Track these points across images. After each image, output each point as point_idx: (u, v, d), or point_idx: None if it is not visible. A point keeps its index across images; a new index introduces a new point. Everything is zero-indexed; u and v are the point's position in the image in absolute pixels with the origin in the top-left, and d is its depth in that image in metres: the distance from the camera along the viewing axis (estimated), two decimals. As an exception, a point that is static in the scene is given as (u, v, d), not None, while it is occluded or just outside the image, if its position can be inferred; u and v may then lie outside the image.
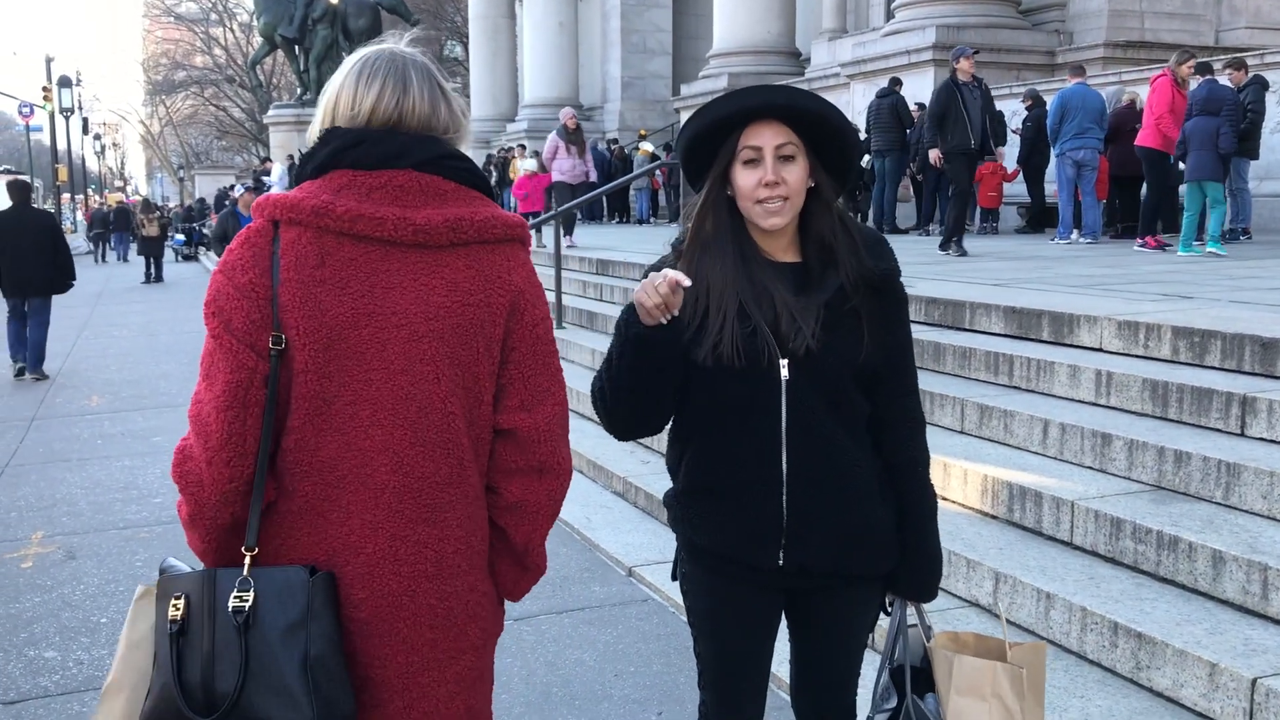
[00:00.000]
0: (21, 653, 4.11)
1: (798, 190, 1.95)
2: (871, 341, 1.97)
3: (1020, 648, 2.10)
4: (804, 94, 1.98)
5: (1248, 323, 4.93)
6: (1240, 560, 3.41)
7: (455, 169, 1.77)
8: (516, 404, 1.79)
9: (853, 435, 2.01)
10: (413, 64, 1.80)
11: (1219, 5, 17.09)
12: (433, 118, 1.78)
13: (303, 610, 1.63)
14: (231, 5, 51.83)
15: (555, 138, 15.03)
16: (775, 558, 2.02)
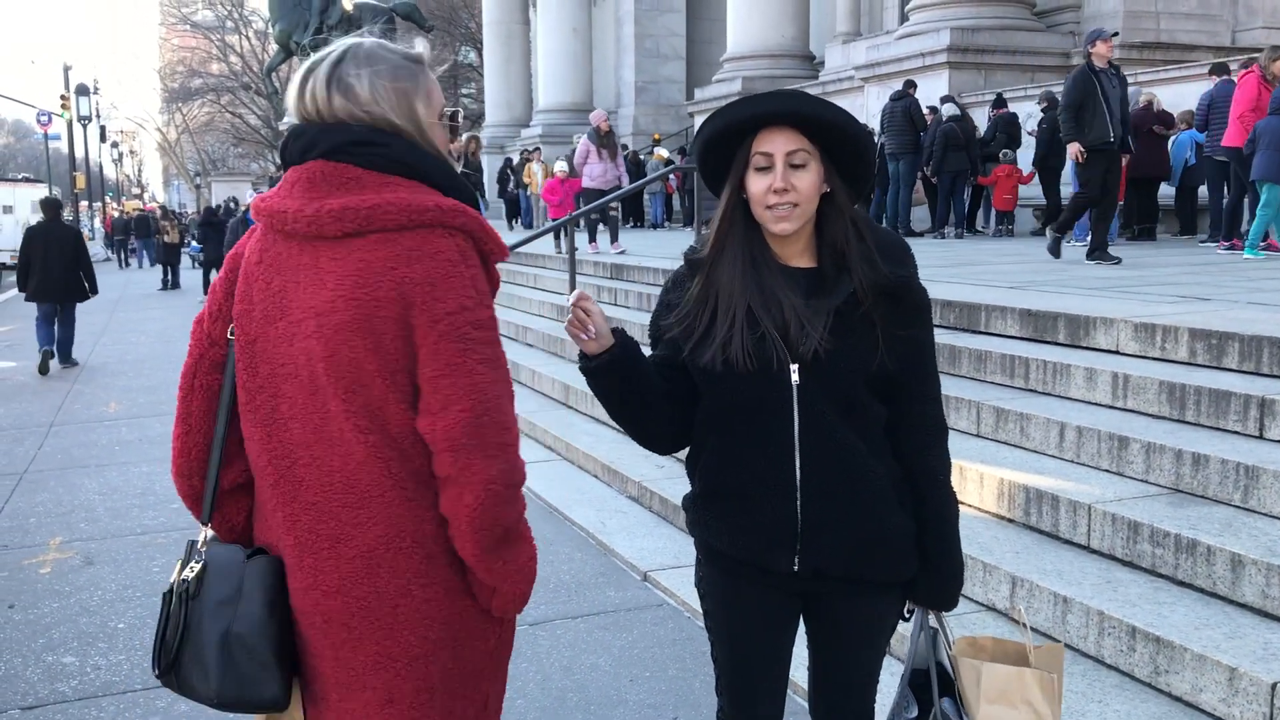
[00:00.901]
0: (40, 658, 4.13)
1: (808, 197, 1.94)
2: (886, 348, 1.95)
3: (1040, 650, 2.09)
4: (816, 101, 1.96)
5: (1266, 324, 4.90)
6: (1259, 563, 3.38)
7: (366, 154, 1.71)
8: (423, 408, 1.69)
9: (868, 440, 2.00)
10: (337, 54, 1.77)
11: (1235, 5, 17.00)
12: (330, 105, 1.74)
13: (234, 589, 1.75)
14: (247, 13, 52.12)
15: (586, 141, 14.39)
16: (790, 562, 2.01)
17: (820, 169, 1.95)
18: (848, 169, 1.99)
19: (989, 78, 15.68)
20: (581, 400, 7.81)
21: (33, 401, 9.91)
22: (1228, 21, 16.93)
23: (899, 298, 1.97)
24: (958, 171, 14.01)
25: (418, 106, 1.77)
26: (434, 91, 1.82)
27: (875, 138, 15.51)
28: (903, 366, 1.98)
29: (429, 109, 1.79)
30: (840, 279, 1.96)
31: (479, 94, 42.58)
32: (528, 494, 6.11)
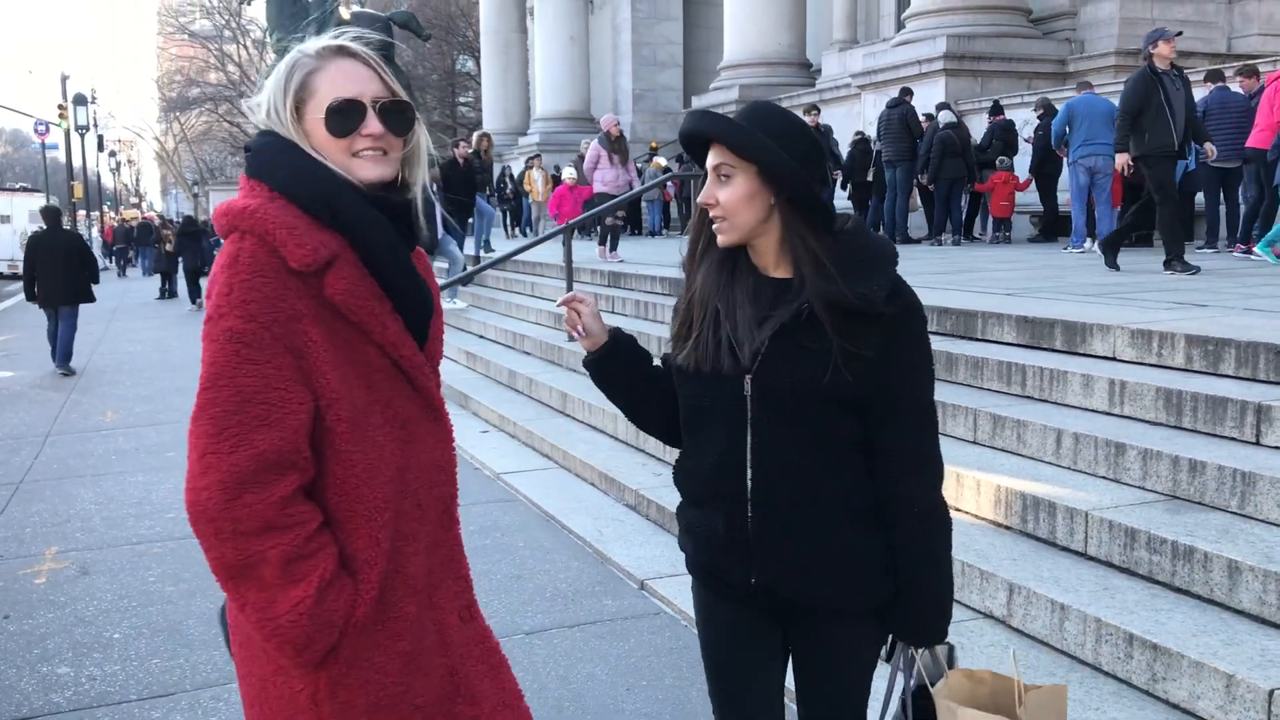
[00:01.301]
0: (35, 669, 4.12)
1: (732, 210, 1.92)
2: (844, 367, 1.88)
3: (1038, 692, 2.01)
4: (718, 120, 1.94)
5: (1262, 330, 4.90)
6: (1256, 570, 3.38)
7: (246, 160, 1.75)
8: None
9: (824, 458, 1.94)
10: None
11: (1231, 12, 17.04)
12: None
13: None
14: (245, 22, 52.16)
15: (597, 146, 14.13)
16: (748, 575, 1.99)
17: (749, 182, 1.91)
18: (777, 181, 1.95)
19: (985, 85, 15.71)
20: (579, 408, 7.80)
21: (29, 411, 9.90)
22: (1223, 29, 16.97)
23: (861, 316, 1.88)
24: (954, 178, 14.02)
25: (282, 102, 1.72)
26: (310, 84, 1.73)
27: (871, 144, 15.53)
28: (869, 390, 1.91)
29: (296, 102, 1.72)
30: (797, 293, 1.92)
31: (476, 102, 42.62)
32: (524, 502, 6.12)
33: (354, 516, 1.67)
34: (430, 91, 43.84)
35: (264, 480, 1.57)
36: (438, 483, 1.80)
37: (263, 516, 1.57)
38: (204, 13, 56.36)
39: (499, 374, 9.69)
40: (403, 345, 1.73)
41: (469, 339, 11.60)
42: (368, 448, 1.68)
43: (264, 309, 1.60)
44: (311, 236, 1.64)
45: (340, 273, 1.65)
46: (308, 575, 1.60)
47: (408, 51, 39.29)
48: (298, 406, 1.61)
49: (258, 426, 1.57)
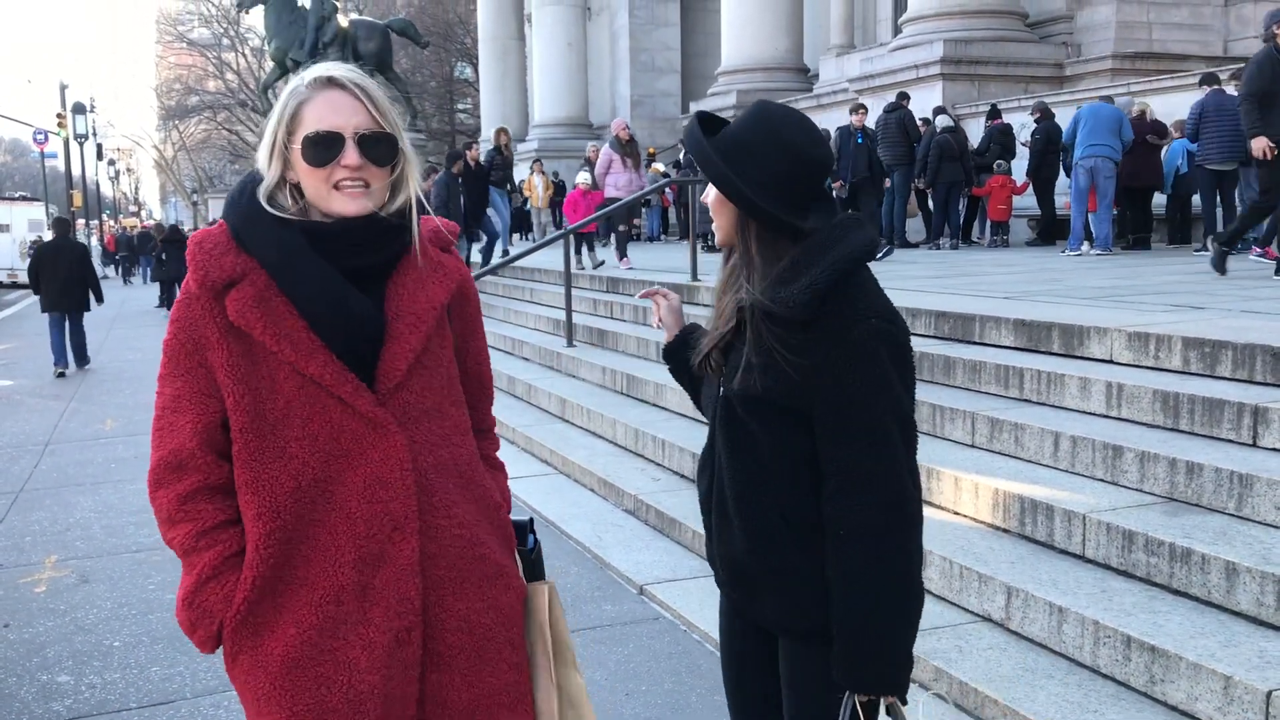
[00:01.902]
0: (35, 677, 4.12)
1: (714, 211, 1.95)
2: (776, 375, 1.83)
3: None
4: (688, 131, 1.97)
5: (1259, 333, 4.91)
6: (1254, 572, 3.38)
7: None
8: None
9: (761, 470, 1.89)
10: None
11: (1227, 15, 17.08)
12: None
13: None
14: (243, 30, 52.22)
15: (609, 150, 13.98)
16: (719, 576, 2.06)
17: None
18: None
19: (982, 89, 15.74)
20: (578, 414, 7.81)
21: (30, 419, 9.91)
22: (1220, 31, 17.00)
23: (790, 322, 1.81)
24: (952, 182, 14.04)
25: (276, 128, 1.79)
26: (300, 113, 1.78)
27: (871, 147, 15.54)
28: (808, 400, 1.82)
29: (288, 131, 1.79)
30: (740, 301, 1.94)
31: (475, 109, 42.66)
32: (524, 508, 6.11)
33: (246, 520, 1.78)
34: (429, 98, 43.88)
35: (168, 479, 1.80)
36: (381, 499, 1.77)
37: (167, 509, 1.79)
38: (203, 21, 56.45)
39: (497, 380, 9.69)
40: (310, 362, 1.74)
41: (468, 345, 11.60)
42: (269, 458, 1.75)
43: (180, 329, 1.79)
44: (218, 261, 1.77)
45: (238, 294, 1.75)
46: (195, 566, 1.78)
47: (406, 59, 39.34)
48: (197, 419, 1.78)
49: (168, 432, 1.80)
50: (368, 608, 1.76)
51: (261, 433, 1.75)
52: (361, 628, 1.76)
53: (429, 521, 1.80)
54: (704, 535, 2.10)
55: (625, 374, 8.00)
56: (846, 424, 1.81)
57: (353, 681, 1.75)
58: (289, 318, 1.75)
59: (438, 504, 1.82)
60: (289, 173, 1.79)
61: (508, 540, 1.96)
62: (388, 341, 1.80)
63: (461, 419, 1.92)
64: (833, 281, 1.80)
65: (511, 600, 1.90)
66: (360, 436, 1.77)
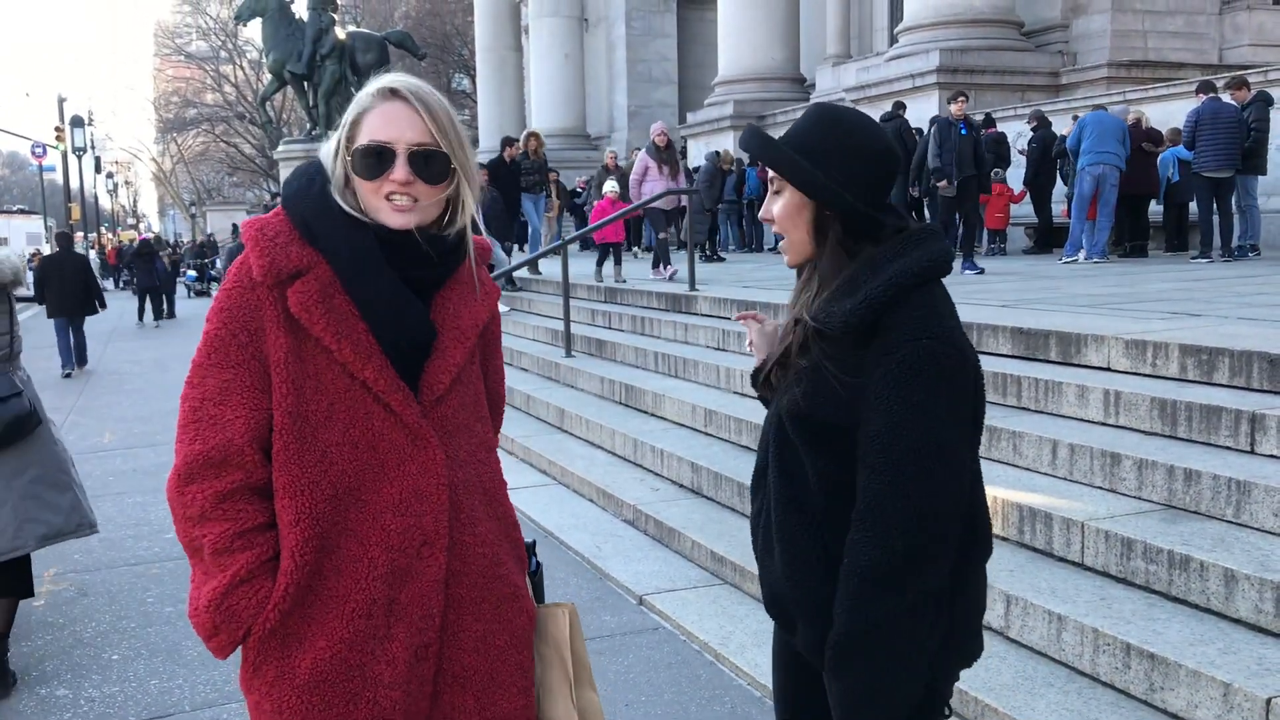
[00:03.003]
0: (33, 691, 4.11)
1: (785, 227, 1.83)
2: (832, 397, 1.73)
3: None
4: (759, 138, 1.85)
5: (1256, 339, 4.92)
6: (1253, 579, 3.39)
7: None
8: None
9: (801, 496, 1.81)
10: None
11: (1222, 23, 17.15)
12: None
13: None
14: (241, 43, 52.34)
15: (645, 157, 13.15)
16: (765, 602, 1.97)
17: (794, 197, 1.80)
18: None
19: (978, 98, 15.77)
20: (576, 424, 7.81)
21: (27, 433, 9.88)
22: (1214, 40, 17.07)
23: (859, 342, 1.71)
24: (949, 191, 14.06)
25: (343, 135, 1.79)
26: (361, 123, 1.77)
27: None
28: (850, 421, 1.71)
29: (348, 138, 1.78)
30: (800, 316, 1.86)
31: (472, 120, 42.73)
32: (522, 519, 6.10)
33: (283, 525, 1.72)
34: (426, 110, 43.90)
35: (206, 475, 1.71)
36: (415, 512, 1.75)
37: (201, 506, 1.70)
38: (200, 34, 56.60)
39: (496, 391, 9.69)
40: (366, 366, 1.72)
41: (466, 356, 11.60)
42: (309, 462, 1.71)
43: (233, 317, 1.73)
44: (281, 250, 1.73)
45: (302, 286, 1.72)
46: (227, 568, 1.70)
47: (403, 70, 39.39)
48: (249, 413, 1.71)
49: (210, 425, 1.71)
50: (393, 623, 1.74)
51: (303, 435, 1.72)
52: (387, 643, 1.74)
53: (456, 538, 1.79)
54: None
55: (624, 384, 8.00)
56: (876, 451, 1.66)
57: (378, 697, 1.73)
58: (351, 318, 1.73)
59: (465, 521, 1.81)
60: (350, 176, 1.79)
61: (521, 561, 1.95)
62: (434, 354, 1.80)
63: (487, 435, 1.92)
64: (890, 297, 1.68)
65: (524, 623, 1.89)
66: (400, 447, 1.75)
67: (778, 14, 21.48)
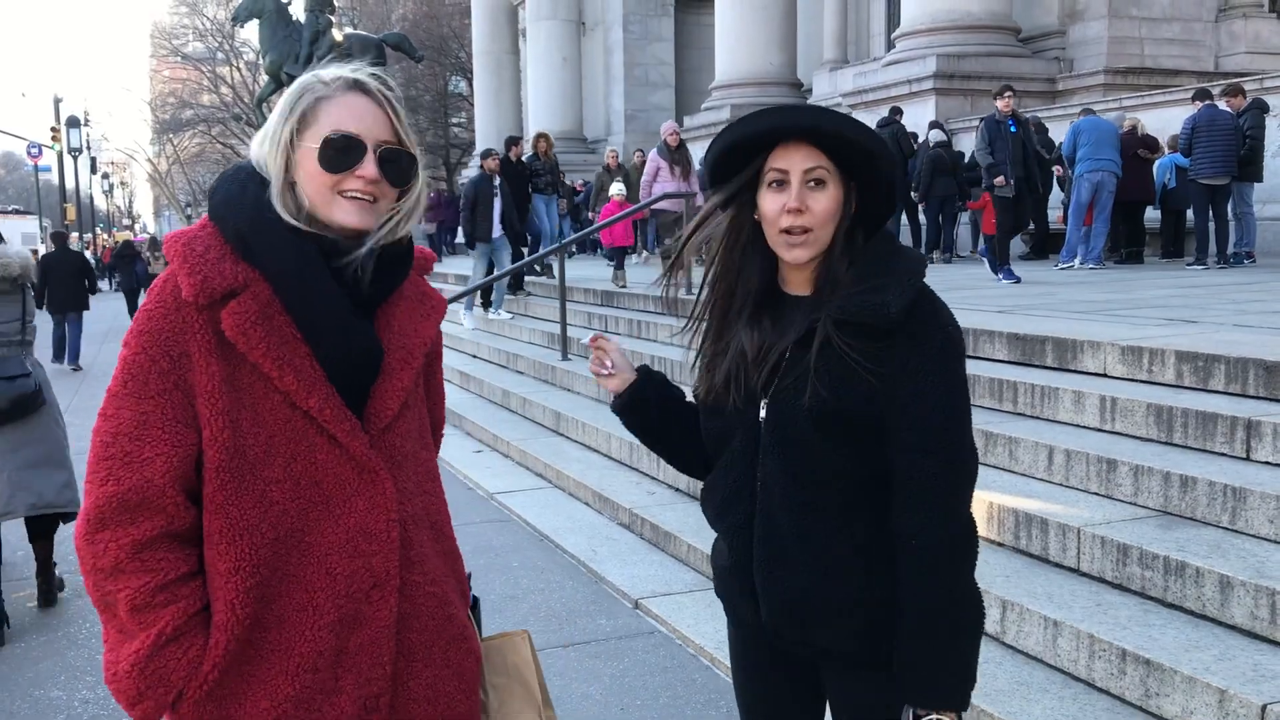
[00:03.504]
0: (27, 693, 4.10)
1: (823, 222, 1.75)
2: (861, 389, 1.72)
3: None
4: (839, 116, 1.77)
5: (1252, 346, 4.93)
6: (1248, 585, 3.39)
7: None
8: None
9: (827, 493, 1.77)
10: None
11: (1218, 31, 17.19)
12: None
13: None
14: (238, 44, 52.30)
15: (656, 157, 12.78)
16: (756, 611, 1.85)
17: (840, 192, 1.75)
18: (868, 193, 1.80)
19: (975, 104, 15.78)
20: (572, 427, 7.80)
21: (22, 433, 9.87)
22: (1211, 47, 17.11)
23: (874, 331, 1.72)
24: (945, 196, 14.10)
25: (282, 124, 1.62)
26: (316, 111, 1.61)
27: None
28: (884, 412, 1.73)
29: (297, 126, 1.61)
30: (808, 311, 1.78)
31: (469, 123, 42.71)
32: (518, 522, 6.11)
33: (217, 574, 1.54)
34: (423, 112, 43.92)
35: (122, 520, 1.51)
36: (363, 552, 1.60)
37: (115, 557, 1.51)
38: (197, 35, 56.51)
39: (492, 394, 9.70)
40: (310, 395, 1.55)
41: (463, 359, 11.61)
42: (248, 503, 1.54)
43: (155, 342, 1.54)
44: (212, 267, 1.54)
45: (237, 307, 1.53)
46: (150, 626, 1.51)
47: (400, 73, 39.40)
48: (171, 450, 1.52)
49: (127, 463, 1.51)
50: (340, 674, 1.59)
51: (240, 472, 1.53)
52: (334, 697, 1.59)
53: (406, 578, 1.64)
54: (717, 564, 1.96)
55: (620, 388, 7.99)
56: (924, 434, 1.72)
57: None
58: (292, 341, 1.55)
59: (414, 559, 1.66)
60: (289, 172, 1.62)
61: (465, 596, 1.80)
62: (381, 376, 1.65)
63: (432, 463, 1.77)
64: (919, 290, 1.78)
65: (472, 666, 1.76)
66: (346, 482, 1.59)
67: (775, 18, 21.50)
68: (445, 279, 16.94)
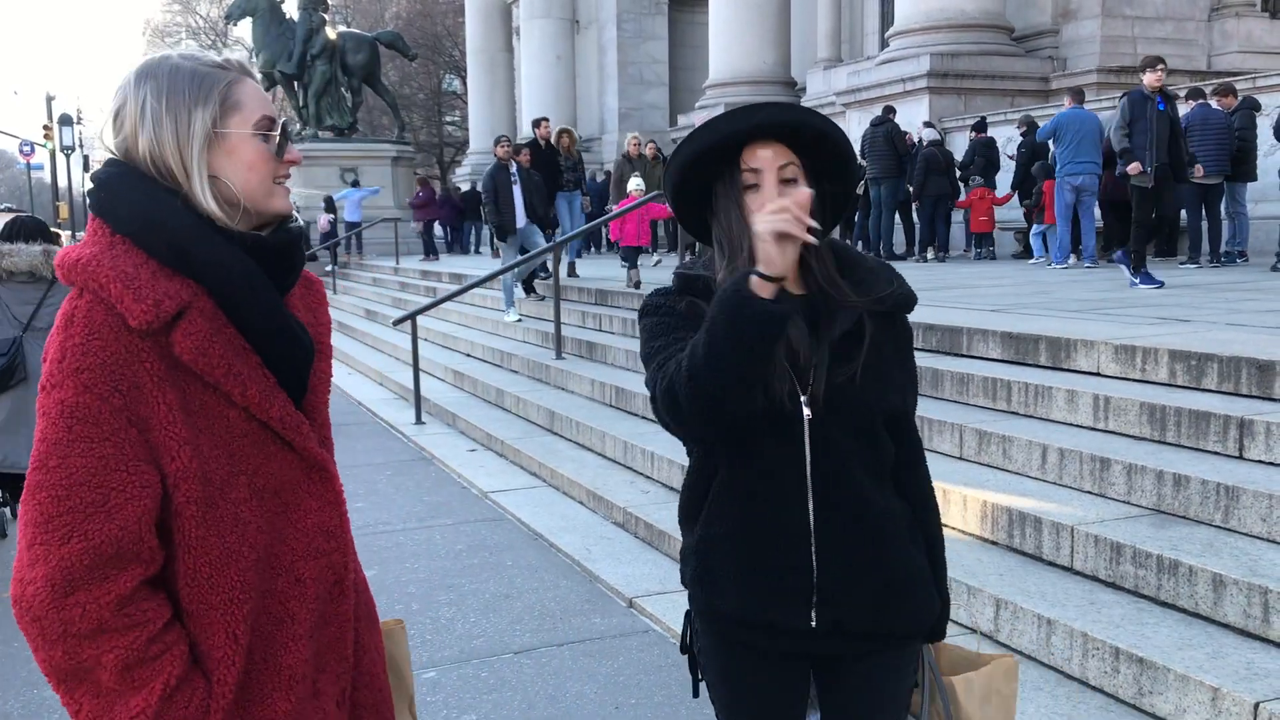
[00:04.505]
0: (20, 692, 4.09)
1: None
2: (895, 375, 1.84)
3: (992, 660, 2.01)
4: (803, 110, 1.82)
5: (1244, 345, 4.94)
6: (1241, 583, 3.40)
7: (92, 196, 1.52)
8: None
9: (882, 479, 1.84)
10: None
11: (1210, 30, 17.23)
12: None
13: None
14: (231, 42, 52.24)
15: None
16: (807, 618, 1.80)
17: (806, 188, 1.74)
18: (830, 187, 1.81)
19: (969, 103, 15.83)
20: (567, 426, 7.80)
21: (14, 432, 9.84)
22: (1204, 46, 17.15)
23: (894, 319, 1.85)
24: (939, 195, 14.13)
25: (201, 109, 1.49)
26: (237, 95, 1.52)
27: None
28: (905, 396, 1.88)
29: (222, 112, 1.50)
30: (839, 304, 1.78)
31: (463, 121, 42.71)
32: (512, 521, 6.11)
33: (209, 609, 1.46)
34: (416, 111, 43.92)
35: (98, 577, 1.38)
36: (324, 550, 1.58)
37: (97, 617, 1.38)
38: (190, 33, 56.41)
39: (486, 392, 9.69)
40: (271, 405, 1.50)
41: (457, 357, 11.60)
42: (225, 529, 1.46)
43: (101, 378, 1.40)
44: (154, 287, 1.42)
45: (190, 327, 1.43)
46: (150, 681, 1.41)
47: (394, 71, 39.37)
48: (140, 491, 1.40)
49: (92, 514, 1.37)
50: (320, 678, 1.58)
51: (212, 501, 1.45)
52: (317, 700, 1.58)
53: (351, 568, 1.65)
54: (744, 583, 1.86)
55: (614, 386, 8.00)
56: (912, 407, 1.93)
57: None
58: (244, 352, 1.48)
59: (350, 545, 1.65)
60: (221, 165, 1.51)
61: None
62: (315, 369, 1.62)
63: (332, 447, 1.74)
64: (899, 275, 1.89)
65: (383, 643, 1.76)
66: (298, 484, 1.56)
67: (769, 17, 21.51)
68: (439, 278, 16.93)
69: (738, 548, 1.83)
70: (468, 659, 4.24)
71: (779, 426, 1.76)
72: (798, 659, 1.90)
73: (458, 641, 4.43)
